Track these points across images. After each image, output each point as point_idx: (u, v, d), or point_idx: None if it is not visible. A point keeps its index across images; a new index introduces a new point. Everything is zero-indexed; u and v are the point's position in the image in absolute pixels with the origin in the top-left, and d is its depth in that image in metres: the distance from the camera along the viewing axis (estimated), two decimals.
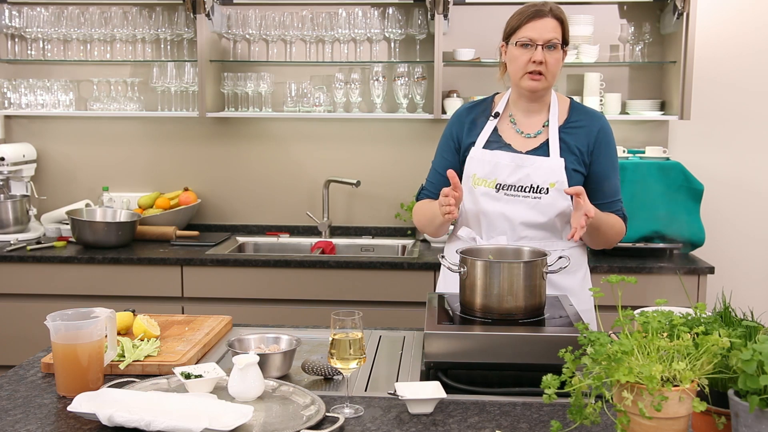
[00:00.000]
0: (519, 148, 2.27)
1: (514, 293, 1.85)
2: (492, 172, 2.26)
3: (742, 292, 3.50)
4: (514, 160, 2.24)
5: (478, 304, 1.88)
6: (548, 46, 2.19)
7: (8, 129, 4.02)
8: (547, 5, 2.22)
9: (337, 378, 1.86)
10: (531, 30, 2.19)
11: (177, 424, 1.47)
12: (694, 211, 3.44)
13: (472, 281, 1.89)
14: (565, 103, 2.34)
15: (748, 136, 3.83)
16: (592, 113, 2.33)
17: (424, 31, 3.74)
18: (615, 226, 2.28)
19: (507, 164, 2.24)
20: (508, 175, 2.24)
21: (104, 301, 3.27)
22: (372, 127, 3.92)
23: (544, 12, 2.20)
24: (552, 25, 2.19)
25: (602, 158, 2.27)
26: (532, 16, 2.20)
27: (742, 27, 3.77)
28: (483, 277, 1.87)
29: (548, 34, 2.18)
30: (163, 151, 4.00)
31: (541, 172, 2.22)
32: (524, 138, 2.29)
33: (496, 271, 1.86)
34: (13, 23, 3.83)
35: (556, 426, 1.43)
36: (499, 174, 2.25)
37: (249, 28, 3.79)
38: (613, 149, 2.31)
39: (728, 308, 1.54)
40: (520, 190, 2.24)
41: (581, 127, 2.28)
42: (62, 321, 1.73)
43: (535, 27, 2.19)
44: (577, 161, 2.25)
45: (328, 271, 3.35)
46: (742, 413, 1.27)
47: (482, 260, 1.90)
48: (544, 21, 2.19)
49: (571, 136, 2.26)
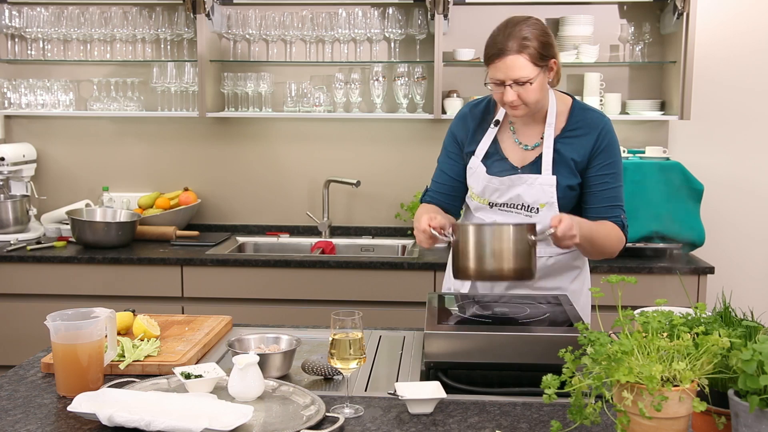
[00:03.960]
0: (516, 162, 2.22)
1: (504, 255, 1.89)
2: (484, 192, 2.24)
3: (742, 292, 3.49)
4: (504, 183, 2.20)
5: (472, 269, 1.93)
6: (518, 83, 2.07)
7: (8, 129, 4.02)
8: (510, 35, 2.06)
9: (337, 378, 1.86)
10: (497, 70, 2.07)
11: (177, 424, 1.47)
12: (694, 211, 3.44)
13: (464, 246, 1.93)
14: (565, 105, 2.24)
15: (749, 136, 3.83)
16: (592, 118, 2.22)
17: (424, 31, 3.74)
18: (611, 236, 2.17)
19: (497, 187, 2.21)
20: (498, 196, 2.22)
21: (104, 301, 3.26)
22: (372, 127, 3.92)
23: (505, 51, 2.04)
24: (516, 62, 2.04)
25: (599, 164, 2.19)
26: (495, 56, 2.07)
27: (742, 27, 3.77)
28: (474, 242, 1.92)
29: (514, 74, 2.05)
30: (163, 151, 4.00)
31: (532, 191, 2.18)
32: (522, 150, 2.23)
33: (487, 233, 1.92)
34: (13, 23, 3.83)
35: (556, 426, 1.43)
36: (490, 196, 2.24)
37: (249, 28, 3.79)
38: (613, 155, 2.20)
39: (728, 308, 1.54)
40: (512, 207, 2.22)
41: (579, 136, 2.19)
42: (62, 321, 1.73)
43: (499, 68, 2.06)
44: (571, 173, 2.18)
45: (328, 271, 3.35)
46: (742, 413, 1.27)
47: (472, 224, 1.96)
48: (505, 60, 2.05)
49: (567, 147, 2.19)
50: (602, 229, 2.16)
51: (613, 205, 2.20)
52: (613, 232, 2.19)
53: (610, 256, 2.23)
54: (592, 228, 2.11)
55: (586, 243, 2.09)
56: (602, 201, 2.19)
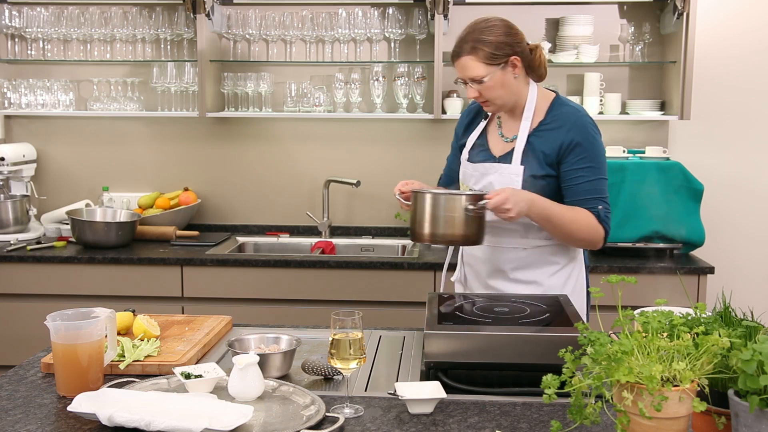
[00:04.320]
0: (495, 153, 2.36)
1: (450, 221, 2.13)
2: (464, 179, 2.42)
3: (742, 292, 3.48)
4: (478, 169, 2.36)
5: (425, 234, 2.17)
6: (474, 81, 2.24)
7: (8, 129, 4.02)
8: (465, 38, 2.24)
9: (337, 378, 1.86)
10: (457, 70, 2.28)
11: (177, 424, 1.47)
12: (694, 211, 3.43)
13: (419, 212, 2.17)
14: (546, 101, 2.32)
15: (749, 136, 3.83)
16: (566, 113, 2.28)
17: (424, 31, 3.74)
18: (578, 221, 2.20)
19: (472, 173, 2.38)
20: (474, 182, 2.37)
21: (104, 301, 3.26)
22: (372, 127, 3.92)
23: (459, 52, 2.25)
24: (468, 63, 2.23)
25: (574, 159, 2.23)
26: (453, 57, 2.28)
27: (742, 27, 3.77)
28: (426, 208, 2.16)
29: (468, 73, 2.24)
30: (163, 151, 4.00)
31: (503, 179, 2.30)
32: (503, 142, 2.37)
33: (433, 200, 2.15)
34: (13, 23, 3.83)
35: (556, 426, 1.43)
36: (468, 181, 2.40)
37: (249, 28, 3.79)
38: (589, 149, 2.24)
39: (728, 308, 1.54)
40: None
41: (551, 129, 2.27)
42: (62, 321, 1.73)
43: (457, 68, 2.28)
44: (539, 165, 2.26)
45: (328, 271, 3.35)
46: (742, 413, 1.27)
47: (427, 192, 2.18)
48: (459, 62, 2.25)
49: (540, 140, 2.27)
50: (568, 212, 2.21)
51: (590, 197, 2.24)
52: (584, 218, 2.22)
53: (586, 244, 2.29)
54: (552, 208, 2.19)
55: (542, 221, 2.20)
56: (579, 194, 2.24)
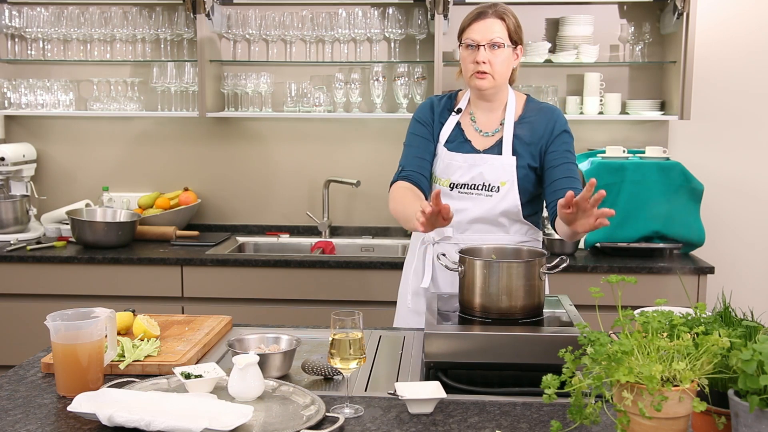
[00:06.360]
0: (477, 146, 2.36)
1: (512, 293, 1.86)
2: (445, 172, 2.35)
3: (742, 292, 3.49)
4: (467, 160, 2.33)
5: (477, 303, 1.89)
6: (492, 46, 2.25)
7: (8, 129, 4.02)
8: (493, 6, 2.29)
9: (337, 378, 1.86)
10: (474, 31, 2.26)
11: (177, 424, 1.47)
12: (694, 211, 3.43)
13: (471, 281, 1.90)
14: (521, 99, 2.41)
15: (749, 136, 3.83)
16: (545, 108, 2.39)
17: (424, 31, 3.74)
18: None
19: (460, 165, 2.34)
20: (461, 175, 2.34)
21: (104, 301, 3.26)
22: (372, 127, 3.92)
23: (487, 13, 2.27)
24: (495, 25, 2.25)
25: (560, 141, 2.31)
26: (475, 18, 2.28)
27: (742, 27, 3.77)
28: (481, 277, 1.88)
29: (490, 35, 2.24)
30: (163, 151, 4.00)
31: (493, 170, 2.30)
32: (482, 137, 2.38)
33: (495, 270, 1.87)
34: (13, 23, 3.83)
35: (556, 426, 1.43)
36: (453, 174, 2.34)
37: (249, 28, 3.79)
38: (570, 140, 2.34)
39: (728, 308, 1.54)
40: (472, 188, 2.33)
41: (533, 121, 2.35)
42: (62, 321, 1.73)
43: (477, 28, 2.26)
44: (530, 155, 2.31)
45: (328, 271, 3.35)
46: (742, 413, 1.27)
47: (481, 260, 1.91)
48: (485, 22, 2.25)
49: (525, 131, 2.33)
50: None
51: (572, 177, 2.28)
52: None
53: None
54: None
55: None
56: (563, 173, 2.28)
